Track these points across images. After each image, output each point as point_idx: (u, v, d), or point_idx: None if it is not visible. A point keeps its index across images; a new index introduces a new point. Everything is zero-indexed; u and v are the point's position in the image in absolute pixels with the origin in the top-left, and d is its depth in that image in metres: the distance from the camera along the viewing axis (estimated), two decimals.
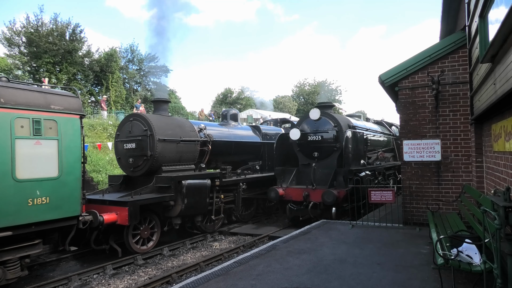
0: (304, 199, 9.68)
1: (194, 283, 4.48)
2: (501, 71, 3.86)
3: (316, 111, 10.53)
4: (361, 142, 10.90)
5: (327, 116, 10.75)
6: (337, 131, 10.39)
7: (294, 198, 10.01)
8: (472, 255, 3.65)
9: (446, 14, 8.91)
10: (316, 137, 10.70)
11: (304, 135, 10.85)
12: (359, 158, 10.58)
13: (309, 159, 10.72)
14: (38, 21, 27.95)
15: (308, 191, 9.72)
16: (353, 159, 10.01)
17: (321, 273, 4.73)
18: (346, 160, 9.82)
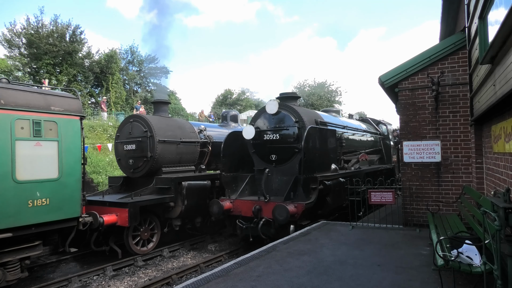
0: (255, 214, 7.79)
1: (194, 284, 4.47)
2: (500, 73, 3.87)
3: (273, 104, 8.52)
4: (333, 141, 9.20)
5: (287, 110, 8.69)
6: (299, 128, 8.37)
7: (243, 213, 8.11)
8: (472, 256, 3.65)
9: (446, 15, 8.92)
10: (274, 135, 8.64)
11: (260, 133, 8.82)
12: (329, 162, 8.89)
13: (266, 163, 8.77)
14: (38, 23, 28.00)
15: (259, 205, 7.84)
16: (319, 163, 8.31)
17: (321, 274, 4.73)
18: (306, 165, 7.78)
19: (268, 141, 8.73)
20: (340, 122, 11.10)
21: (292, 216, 7.26)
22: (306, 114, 8.95)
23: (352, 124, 12.16)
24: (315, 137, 8.19)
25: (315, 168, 8.14)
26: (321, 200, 8.04)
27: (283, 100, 9.38)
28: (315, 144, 8.20)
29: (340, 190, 8.45)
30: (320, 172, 8.27)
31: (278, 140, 8.60)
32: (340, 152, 10.00)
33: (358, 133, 12.27)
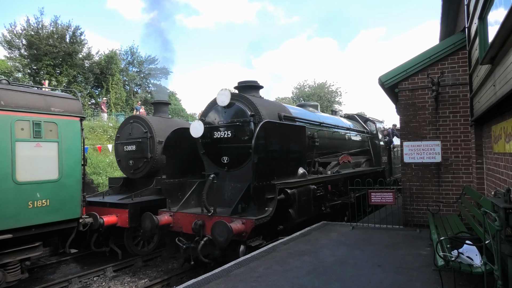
0: (195, 231, 6.30)
1: (195, 285, 4.47)
2: (500, 73, 3.87)
3: (224, 94, 6.82)
4: (301, 140, 7.56)
5: (243, 102, 7.08)
6: (255, 124, 6.79)
7: (185, 229, 6.60)
8: (472, 257, 3.65)
9: (446, 16, 8.92)
10: (226, 133, 7.07)
11: (210, 130, 7.21)
12: (295, 165, 7.34)
13: (218, 167, 7.26)
14: (39, 24, 28.01)
15: (202, 219, 6.32)
16: (280, 166, 6.79)
17: (322, 274, 4.73)
18: (260, 169, 6.19)
19: (218, 139, 7.10)
20: (314, 117, 9.44)
21: (239, 235, 5.80)
22: (265, 106, 7.33)
23: (331, 121, 10.45)
24: (273, 134, 6.58)
25: (274, 173, 6.56)
26: (282, 213, 6.68)
27: (242, 90, 7.74)
28: (273, 143, 6.58)
29: (309, 199, 7.16)
30: (282, 178, 6.75)
31: (230, 138, 6.97)
32: (313, 154, 8.43)
33: (340, 131, 10.66)
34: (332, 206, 8.76)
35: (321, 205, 8.12)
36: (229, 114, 7.11)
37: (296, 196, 6.69)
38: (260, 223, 5.97)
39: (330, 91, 44.80)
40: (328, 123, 10.11)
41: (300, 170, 7.45)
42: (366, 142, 12.58)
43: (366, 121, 13.54)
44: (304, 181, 7.29)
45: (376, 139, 13.01)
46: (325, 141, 9.52)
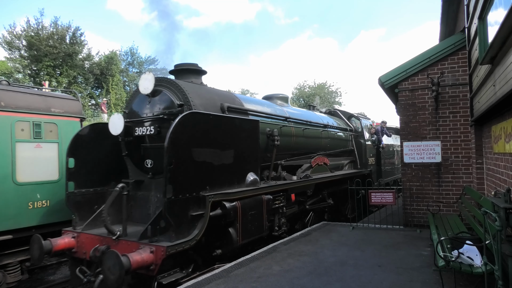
0: (94, 260, 4.77)
1: (195, 285, 4.47)
2: (500, 73, 3.87)
3: (146, 79, 5.18)
4: (252, 139, 5.95)
5: (171, 89, 5.44)
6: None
7: (89, 255, 4.89)
8: (473, 257, 3.65)
9: (446, 16, 8.93)
10: (148, 129, 5.41)
11: (132, 125, 5.60)
12: (242, 170, 5.69)
13: (142, 172, 5.66)
14: (39, 25, 28.06)
15: (107, 243, 4.75)
16: (217, 172, 5.14)
17: (322, 275, 4.73)
18: (175, 176, 4.47)
19: (141, 137, 5.48)
20: (278, 111, 7.76)
21: (146, 269, 4.20)
22: (201, 94, 5.71)
23: (301, 116, 8.68)
24: (203, 130, 4.91)
25: (207, 181, 4.91)
26: (220, 234, 5.19)
27: (179, 75, 6.23)
28: (203, 141, 4.89)
29: (260, 213, 5.69)
30: (220, 187, 5.15)
31: (154, 136, 5.32)
32: (273, 155, 6.78)
33: (314, 128, 8.95)
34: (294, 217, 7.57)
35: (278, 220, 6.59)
36: (154, 105, 5.46)
37: (239, 211, 5.18)
38: (178, 251, 4.33)
39: (330, 91, 44.79)
40: (297, 118, 8.30)
41: (249, 176, 5.76)
42: (349, 141, 11.07)
43: (350, 117, 11.85)
44: (253, 190, 5.70)
45: (361, 137, 11.38)
46: (293, 140, 7.89)
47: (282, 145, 7.21)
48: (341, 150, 10.52)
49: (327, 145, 9.64)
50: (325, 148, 9.55)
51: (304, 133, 8.44)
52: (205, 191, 4.88)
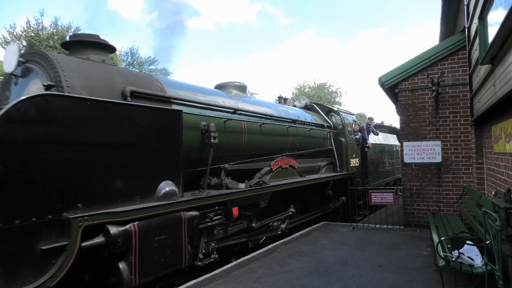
0: None
1: (195, 285, 4.47)
2: (500, 73, 3.87)
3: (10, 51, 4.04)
4: (173, 134, 4.49)
5: (42, 65, 4.04)
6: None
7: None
8: (473, 257, 3.64)
9: (446, 16, 8.93)
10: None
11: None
12: (152, 180, 4.19)
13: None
14: (39, 25, 28.06)
15: None
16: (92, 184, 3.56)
17: (322, 275, 4.73)
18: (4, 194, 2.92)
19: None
20: (223, 101, 6.11)
21: None
22: (87, 73, 4.24)
23: (259, 108, 7.03)
24: (69, 121, 3.42)
25: (81, 195, 3.46)
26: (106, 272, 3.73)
27: (74, 51, 4.71)
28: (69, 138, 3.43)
29: (173, 238, 4.14)
30: (109, 204, 3.69)
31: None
32: (209, 157, 5.22)
33: (275, 124, 7.27)
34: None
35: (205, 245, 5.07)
36: (21, 87, 4.17)
37: (135, 237, 3.71)
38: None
39: (330, 91, 44.78)
40: (253, 111, 6.67)
41: (162, 186, 4.23)
42: (327, 139, 9.47)
43: (328, 112, 10.26)
44: (166, 205, 4.14)
45: (342, 135, 9.88)
46: (246, 138, 6.30)
47: (227, 144, 5.83)
48: (316, 150, 8.91)
49: (296, 144, 7.98)
50: (294, 148, 7.92)
51: (262, 129, 6.80)
52: (73, 210, 3.35)
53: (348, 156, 9.86)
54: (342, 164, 9.69)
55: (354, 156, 10.25)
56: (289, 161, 7.27)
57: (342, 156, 9.73)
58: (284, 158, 7.17)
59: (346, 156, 9.80)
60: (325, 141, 9.46)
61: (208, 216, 4.95)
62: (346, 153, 9.82)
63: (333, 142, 9.63)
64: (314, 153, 8.92)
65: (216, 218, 5.06)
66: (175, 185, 4.37)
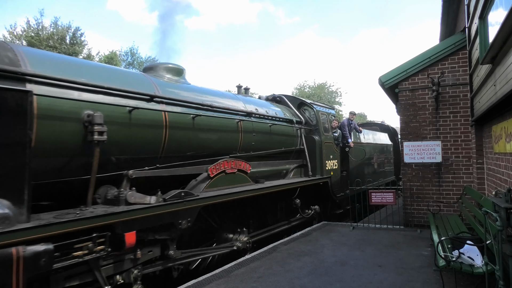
0: None
1: (196, 285, 4.47)
2: (501, 73, 3.87)
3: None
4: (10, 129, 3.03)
5: None
6: None
7: None
8: (473, 257, 3.64)
9: (446, 16, 8.93)
10: None
11: None
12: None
13: None
14: (39, 25, 28.06)
15: None
16: None
17: (322, 275, 4.72)
18: None
19: None
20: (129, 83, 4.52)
21: None
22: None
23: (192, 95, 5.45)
24: None
25: None
26: None
27: None
28: None
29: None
30: None
31: None
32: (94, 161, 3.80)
33: (220, 116, 5.81)
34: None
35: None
36: None
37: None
38: None
39: (330, 91, 44.76)
40: (180, 100, 5.08)
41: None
42: (296, 137, 7.88)
43: (300, 105, 8.71)
44: None
45: (316, 133, 8.37)
46: (168, 134, 4.77)
47: (135, 143, 4.39)
48: (282, 150, 7.34)
49: (250, 143, 6.42)
50: (248, 148, 6.37)
51: (196, 123, 5.21)
52: None
53: (323, 157, 8.31)
54: (315, 167, 8.16)
55: (331, 157, 8.73)
56: (237, 164, 5.81)
57: (315, 157, 8.19)
58: (229, 161, 5.68)
59: (321, 158, 8.25)
60: (294, 140, 7.84)
61: (82, 247, 3.39)
62: (321, 154, 8.26)
63: (305, 141, 8.09)
64: (281, 154, 7.42)
65: (97, 249, 3.50)
66: (11, 205, 2.96)
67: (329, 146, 8.73)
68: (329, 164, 8.61)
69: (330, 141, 8.77)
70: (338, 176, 9.07)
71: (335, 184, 8.80)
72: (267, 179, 6.69)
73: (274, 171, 7.13)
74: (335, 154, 9.02)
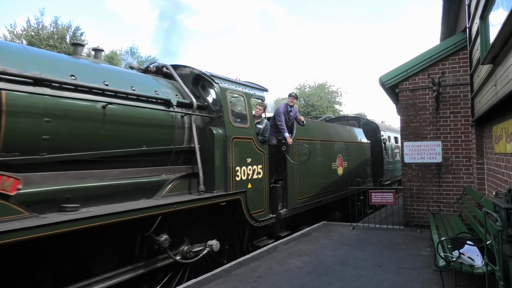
0: None
1: (195, 285, 4.47)
2: (502, 73, 3.86)
3: None
4: None
5: None
6: None
7: None
8: (473, 257, 3.64)
9: (447, 16, 8.93)
10: None
11: None
12: None
13: None
14: (39, 24, 28.07)
15: None
16: None
17: (322, 275, 4.72)
18: None
19: None
20: None
21: None
22: None
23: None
24: None
25: None
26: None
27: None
28: None
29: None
30: None
31: None
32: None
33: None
34: None
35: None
36: None
37: None
38: None
39: (330, 91, 44.78)
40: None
41: None
42: (180, 130, 5.13)
43: (198, 80, 5.78)
44: None
45: (218, 123, 5.56)
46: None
47: None
48: (141, 150, 4.57)
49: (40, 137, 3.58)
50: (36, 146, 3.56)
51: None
52: None
53: (232, 161, 5.53)
54: (212, 177, 5.22)
55: (249, 161, 5.90)
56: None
57: (213, 161, 5.26)
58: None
59: (225, 162, 5.43)
60: (172, 133, 4.98)
61: None
62: (225, 156, 5.43)
63: (196, 135, 5.13)
64: (147, 156, 4.68)
65: None
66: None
67: (245, 144, 5.82)
68: (244, 172, 5.75)
69: (246, 136, 5.85)
70: (262, 189, 6.20)
71: (256, 201, 5.91)
72: (110, 198, 4.11)
73: (127, 186, 4.30)
74: (258, 157, 6.12)
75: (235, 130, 5.70)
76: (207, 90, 5.93)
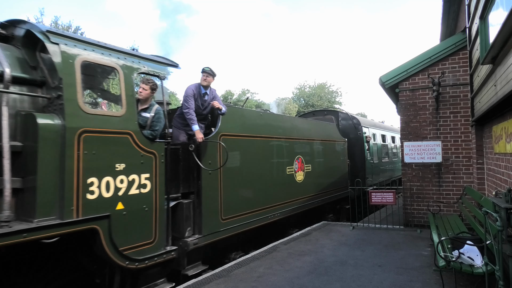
0: None
1: (195, 284, 4.47)
2: (501, 73, 3.86)
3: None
4: None
5: None
6: None
7: None
8: (473, 257, 3.64)
9: (446, 16, 8.93)
10: None
11: None
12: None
13: None
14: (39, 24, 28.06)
15: None
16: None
17: (322, 275, 4.72)
18: None
19: None
20: None
21: None
22: None
23: None
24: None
25: None
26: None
27: None
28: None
29: None
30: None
31: None
32: None
33: None
34: None
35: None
36: None
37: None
38: None
39: (330, 91, 44.82)
40: None
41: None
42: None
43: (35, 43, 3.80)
44: None
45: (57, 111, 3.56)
46: None
47: None
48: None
49: None
50: None
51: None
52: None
53: (78, 169, 3.55)
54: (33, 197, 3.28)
55: (120, 168, 3.91)
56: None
57: (37, 170, 3.32)
58: None
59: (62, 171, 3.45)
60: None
61: None
62: (62, 162, 3.46)
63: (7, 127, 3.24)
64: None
65: None
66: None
67: (113, 141, 3.92)
68: (108, 186, 3.79)
69: (117, 130, 3.95)
70: (150, 210, 4.18)
71: (135, 229, 3.99)
72: None
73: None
74: (143, 161, 4.17)
75: (89, 120, 3.68)
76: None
